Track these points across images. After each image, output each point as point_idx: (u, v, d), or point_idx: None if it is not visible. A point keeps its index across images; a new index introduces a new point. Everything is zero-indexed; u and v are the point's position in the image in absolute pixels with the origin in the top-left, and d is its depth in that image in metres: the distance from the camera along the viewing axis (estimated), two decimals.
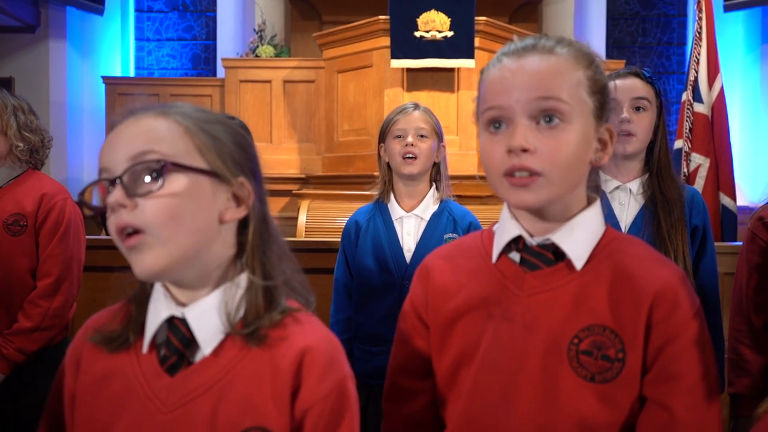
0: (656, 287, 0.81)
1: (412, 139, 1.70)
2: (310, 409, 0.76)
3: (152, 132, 0.75)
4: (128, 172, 0.73)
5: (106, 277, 0.86)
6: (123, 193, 0.73)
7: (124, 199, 0.72)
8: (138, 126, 0.76)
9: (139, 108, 0.78)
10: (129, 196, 0.73)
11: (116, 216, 0.73)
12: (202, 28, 6.36)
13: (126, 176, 0.73)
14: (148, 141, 0.74)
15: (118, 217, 0.73)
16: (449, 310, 0.90)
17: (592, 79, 0.83)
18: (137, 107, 0.78)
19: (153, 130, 0.75)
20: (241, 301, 0.78)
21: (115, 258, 0.82)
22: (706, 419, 0.80)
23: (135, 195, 0.73)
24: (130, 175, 0.73)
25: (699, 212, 1.53)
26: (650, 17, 6.72)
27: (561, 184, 0.81)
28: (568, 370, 0.81)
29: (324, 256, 2.30)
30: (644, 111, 1.51)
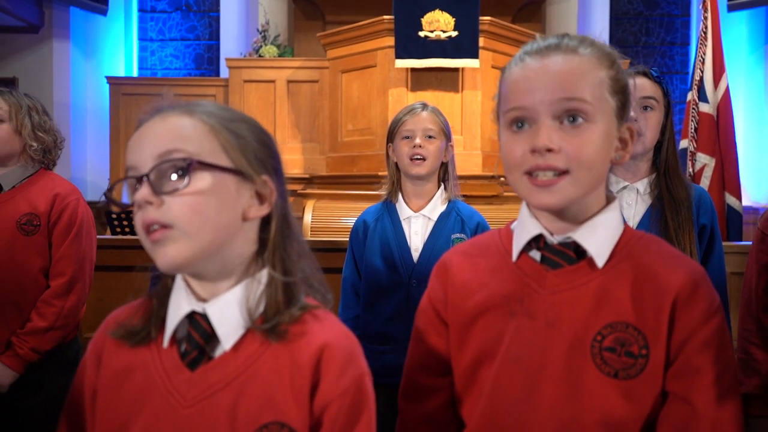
0: (678, 284, 0.82)
1: (420, 141, 1.70)
2: (329, 404, 0.76)
3: (178, 130, 0.77)
4: (155, 170, 0.74)
5: (113, 277, 0.88)
6: (150, 191, 0.74)
7: (151, 197, 0.74)
8: (164, 124, 0.77)
9: (165, 106, 0.79)
10: (156, 193, 0.74)
11: (143, 212, 0.74)
12: (206, 28, 6.37)
13: (153, 174, 0.74)
14: (175, 139, 0.76)
15: (145, 214, 0.74)
16: (470, 307, 0.90)
17: (615, 79, 0.84)
18: (163, 105, 0.80)
19: (179, 129, 0.77)
20: (262, 297, 0.79)
21: (121, 258, 0.83)
22: (727, 414, 0.81)
23: (161, 193, 0.74)
24: (156, 173, 0.74)
25: (707, 212, 1.53)
26: (653, 17, 6.72)
27: (584, 184, 0.82)
28: (591, 366, 0.82)
29: (330, 256, 2.30)
30: (652, 110, 1.51)
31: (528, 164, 0.81)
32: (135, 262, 0.84)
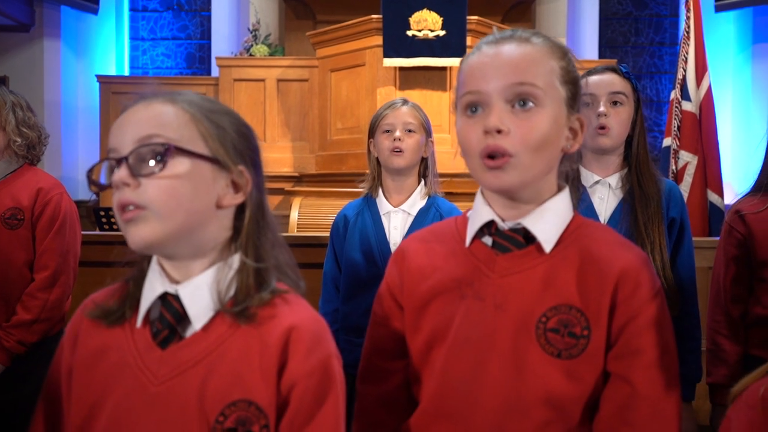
0: (620, 268, 0.86)
1: (399, 134, 1.73)
2: (296, 384, 0.79)
3: (160, 117, 0.80)
4: (134, 153, 0.78)
5: (100, 273, 0.91)
6: (128, 173, 0.77)
7: (129, 178, 0.77)
8: (147, 111, 0.81)
9: (149, 94, 0.83)
10: (133, 175, 0.77)
11: (120, 193, 0.78)
12: (197, 27, 6.39)
13: (132, 157, 0.78)
14: (155, 125, 0.79)
15: (122, 195, 0.77)
16: (424, 291, 0.94)
17: (565, 70, 0.88)
18: (148, 93, 0.83)
19: (161, 116, 0.80)
20: (233, 281, 0.82)
21: (109, 253, 0.86)
22: (665, 392, 0.84)
23: (139, 175, 0.77)
24: (135, 156, 0.78)
25: (676, 205, 1.56)
26: (643, 17, 6.76)
27: (532, 166, 0.85)
28: (536, 347, 0.85)
29: (315, 251, 2.33)
30: (621, 105, 1.54)
31: (481, 146, 0.84)
32: (121, 258, 0.88)
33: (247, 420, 0.78)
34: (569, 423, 0.86)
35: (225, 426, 0.77)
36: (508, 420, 0.85)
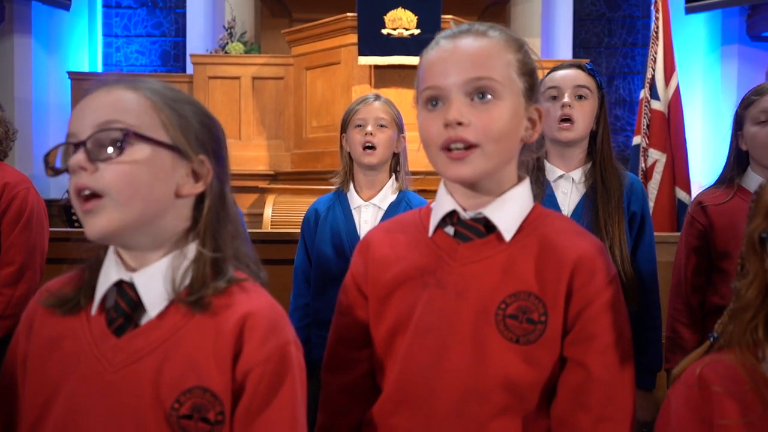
0: (576, 256, 0.88)
1: (371, 129, 1.75)
2: (251, 370, 0.79)
3: (120, 103, 0.80)
4: (92, 137, 0.77)
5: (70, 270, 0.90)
6: (85, 157, 0.77)
7: (86, 163, 0.77)
8: (108, 96, 0.80)
9: (111, 80, 0.82)
10: (90, 160, 0.77)
11: (76, 177, 0.77)
12: (172, 24, 6.33)
13: (90, 142, 0.77)
14: (115, 111, 0.79)
15: (78, 179, 0.77)
16: (387, 280, 0.95)
17: (522, 62, 0.89)
18: (110, 79, 0.83)
19: (121, 102, 0.80)
20: (188, 271, 0.82)
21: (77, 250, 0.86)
22: (619, 376, 0.87)
23: (97, 159, 0.77)
24: (93, 141, 0.77)
25: (638, 199, 1.60)
26: (616, 18, 6.86)
27: (494, 156, 0.87)
28: (495, 333, 0.87)
29: (288, 248, 2.33)
30: (585, 99, 1.57)
31: (442, 138, 0.86)
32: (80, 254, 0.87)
33: (203, 407, 0.78)
34: (527, 407, 0.88)
35: (180, 413, 0.78)
36: (468, 404, 0.87)
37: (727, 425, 0.80)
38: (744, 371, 0.82)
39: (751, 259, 0.84)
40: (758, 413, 0.79)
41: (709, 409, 0.82)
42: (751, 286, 0.84)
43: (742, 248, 0.85)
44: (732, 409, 0.81)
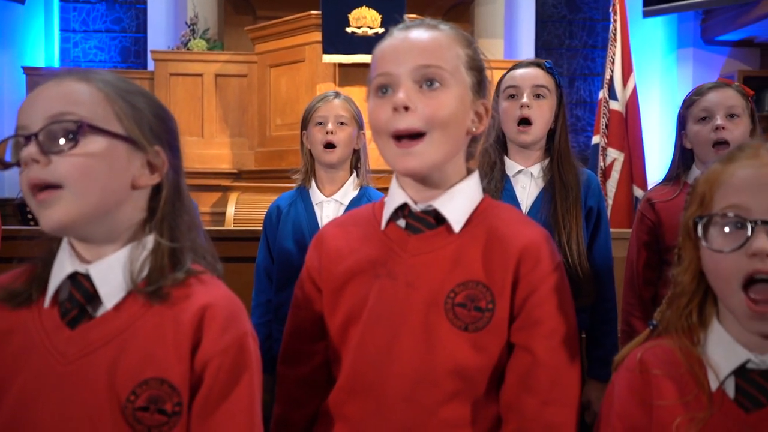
0: (522, 245, 0.91)
1: (332, 126, 1.75)
2: (210, 361, 0.80)
3: (72, 95, 0.79)
4: (44, 130, 0.76)
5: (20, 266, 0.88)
6: (37, 150, 0.75)
7: (38, 155, 0.75)
8: (59, 88, 0.79)
9: (62, 72, 0.81)
10: (43, 152, 0.76)
11: (29, 171, 0.76)
12: (132, 20, 6.21)
13: (42, 134, 0.76)
14: (68, 103, 0.78)
15: (31, 172, 0.76)
16: (341, 272, 0.96)
17: (470, 57, 0.92)
18: (61, 71, 0.82)
19: (73, 93, 0.79)
20: (146, 261, 0.82)
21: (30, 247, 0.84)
22: (564, 360, 0.90)
23: (49, 152, 0.76)
24: (46, 133, 0.76)
25: (594, 194, 1.64)
26: (576, 20, 6.99)
27: (442, 145, 0.89)
28: (445, 321, 0.89)
29: (250, 245, 2.32)
30: (544, 98, 1.60)
31: (390, 124, 0.88)
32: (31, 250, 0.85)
33: (159, 398, 0.78)
34: (476, 392, 0.90)
35: (136, 405, 0.77)
36: (419, 391, 0.89)
37: (665, 405, 0.83)
38: (680, 354, 0.85)
39: (687, 246, 0.87)
40: (693, 393, 0.82)
41: (649, 391, 0.85)
42: (686, 273, 0.87)
43: (679, 237, 0.89)
44: (669, 390, 0.84)
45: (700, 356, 0.85)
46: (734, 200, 0.79)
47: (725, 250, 0.79)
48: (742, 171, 0.80)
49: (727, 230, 0.80)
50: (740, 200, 0.79)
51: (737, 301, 0.78)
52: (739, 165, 0.81)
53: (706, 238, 0.82)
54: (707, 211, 0.83)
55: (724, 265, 0.79)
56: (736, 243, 0.78)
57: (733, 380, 0.82)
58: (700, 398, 0.82)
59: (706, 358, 0.84)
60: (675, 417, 0.82)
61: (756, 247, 0.76)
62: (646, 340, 0.91)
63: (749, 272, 0.77)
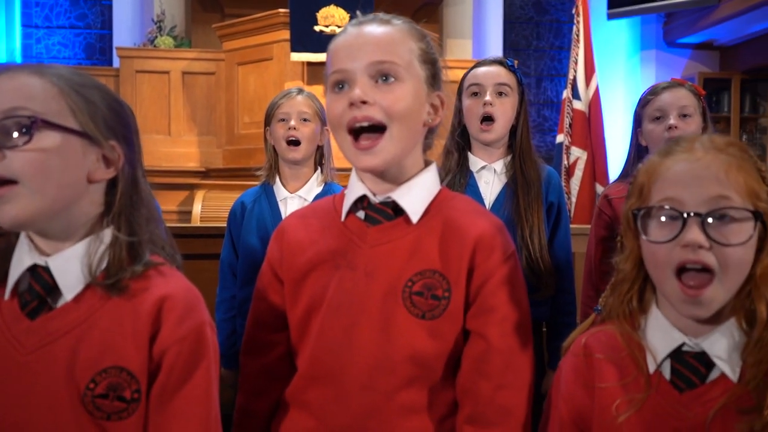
0: (476, 235, 0.93)
1: (294, 123, 1.76)
2: (168, 350, 0.81)
3: (25, 89, 0.78)
4: None
5: None
6: None
7: None
8: (12, 82, 0.79)
9: (15, 65, 0.81)
10: None
11: None
12: (97, 16, 6.11)
13: None
14: (21, 98, 0.78)
15: None
16: (301, 263, 0.98)
17: (424, 51, 0.94)
18: (13, 65, 0.82)
19: (26, 88, 0.79)
20: (104, 255, 0.83)
21: None
22: (516, 345, 0.93)
23: (3, 147, 0.76)
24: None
25: (555, 190, 1.68)
26: (543, 22, 7.09)
27: (401, 140, 0.91)
28: (402, 309, 0.91)
29: (215, 242, 2.31)
30: (506, 96, 1.64)
31: (347, 118, 0.90)
32: None
33: (119, 386, 0.79)
34: (433, 378, 0.93)
35: (96, 392, 0.79)
36: (377, 377, 0.91)
37: (606, 388, 0.87)
38: (622, 339, 0.89)
39: (628, 235, 0.91)
40: (632, 375, 0.87)
41: (591, 375, 0.89)
42: (628, 261, 0.91)
43: (621, 227, 0.92)
44: (610, 373, 0.88)
45: (640, 340, 0.89)
46: (669, 193, 0.83)
47: (661, 240, 0.82)
48: (677, 165, 0.84)
49: (663, 221, 0.83)
50: (675, 193, 0.82)
51: (671, 287, 0.82)
52: (674, 159, 0.85)
53: (644, 229, 0.85)
54: (645, 202, 0.86)
55: (659, 254, 0.83)
56: (671, 234, 0.81)
57: (669, 363, 0.86)
58: (638, 380, 0.86)
59: (645, 342, 0.88)
60: (615, 399, 0.86)
61: (688, 239, 0.80)
62: (591, 326, 0.95)
63: (681, 261, 0.80)
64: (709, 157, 0.82)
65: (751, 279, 0.82)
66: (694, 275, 0.81)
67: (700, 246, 0.79)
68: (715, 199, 0.80)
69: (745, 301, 0.83)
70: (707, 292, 0.80)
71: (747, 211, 0.80)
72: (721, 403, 0.81)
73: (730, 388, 0.82)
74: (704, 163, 0.82)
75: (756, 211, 0.81)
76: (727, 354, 0.83)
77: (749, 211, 0.80)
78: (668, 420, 0.83)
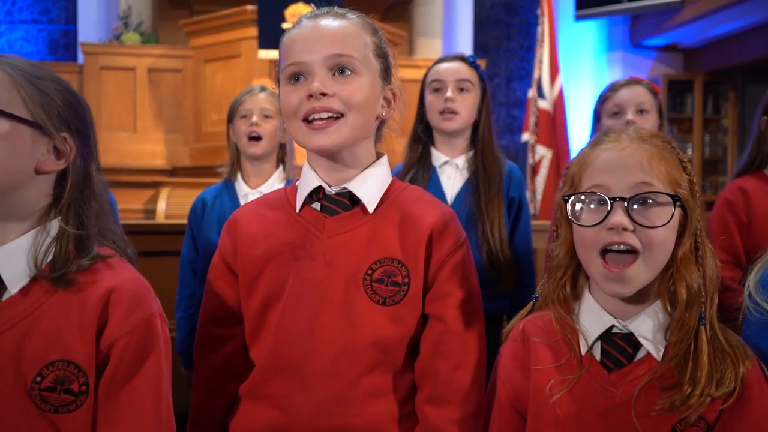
0: (431, 223, 0.96)
1: (256, 119, 1.77)
2: (116, 342, 0.81)
3: None
4: None
5: None
6: None
7: None
8: None
9: None
10: None
11: None
12: (61, 11, 5.98)
13: None
14: None
15: None
16: (257, 256, 0.98)
17: (377, 45, 0.97)
18: None
19: None
20: (50, 247, 0.83)
21: None
22: (470, 327, 0.97)
23: None
24: None
25: (516, 185, 1.71)
26: (513, 23, 7.17)
27: (356, 127, 0.93)
28: (364, 297, 0.94)
29: (179, 239, 2.28)
30: (467, 92, 1.66)
31: (304, 109, 0.91)
32: None
33: (66, 378, 0.79)
34: (394, 363, 0.95)
35: (43, 386, 0.78)
36: (341, 364, 0.93)
37: (541, 369, 0.92)
38: (556, 323, 0.94)
39: (562, 223, 0.96)
40: (566, 357, 0.91)
41: (528, 358, 0.94)
42: (562, 248, 0.96)
43: (556, 215, 0.96)
44: (545, 356, 0.93)
45: (574, 324, 0.93)
46: (597, 180, 0.88)
47: (589, 224, 0.87)
48: (604, 154, 0.89)
49: (591, 206, 0.88)
50: (602, 180, 0.88)
51: (596, 267, 0.87)
52: (602, 148, 0.90)
53: (574, 213, 0.90)
54: (577, 189, 0.91)
55: (587, 236, 0.88)
56: (599, 218, 0.87)
57: (599, 344, 0.91)
58: (571, 362, 0.91)
59: (578, 325, 0.93)
60: (549, 379, 0.91)
61: (613, 222, 0.85)
62: (530, 313, 0.99)
63: (607, 243, 0.86)
64: (633, 146, 0.88)
65: (673, 263, 0.88)
66: (616, 257, 0.86)
67: (624, 228, 0.84)
68: (639, 185, 0.86)
69: (668, 285, 0.88)
70: (631, 270, 0.85)
71: (668, 195, 0.86)
72: (645, 380, 0.86)
73: (654, 367, 0.87)
74: (629, 152, 0.87)
75: (676, 195, 0.86)
76: (652, 334, 0.88)
77: (669, 196, 0.86)
78: (597, 398, 0.88)
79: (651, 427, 0.85)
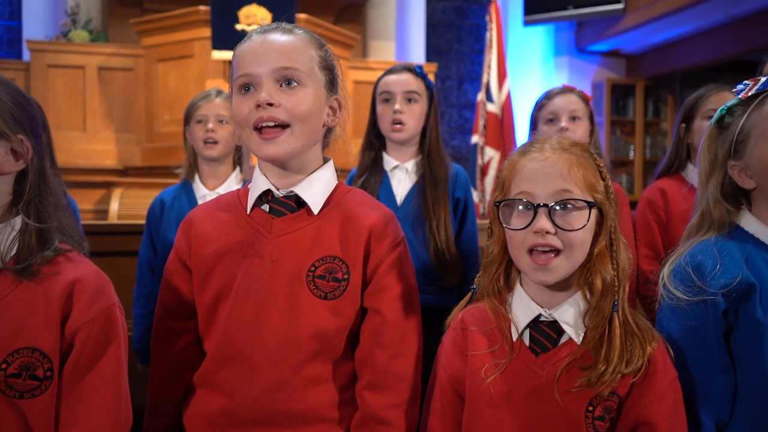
0: (371, 223, 1.05)
1: (212, 125, 1.82)
2: (79, 330, 0.87)
3: None
4: None
5: None
6: None
7: None
8: None
9: None
10: None
11: None
12: (5, 6, 5.82)
13: None
14: None
15: None
16: (210, 253, 1.05)
17: (323, 58, 1.05)
18: None
19: None
20: (14, 241, 0.87)
21: None
22: (407, 318, 1.05)
23: None
24: None
25: (461, 187, 1.81)
26: (464, 27, 7.33)
27: (301, 136, 1.01)
28: (307, 292, 1.01)
29: (133, 239, 2.30)
30: (415, 102, 1.76)
31: (254, 118, 0.99)
32: None
33: (31, 365, 0.84)
34: (335, 352, 1.03)
35: (8, 372, 0.83)
36: (285, 353, 1.00)
37: (477, 355, 1.03)
38: (491, 313, 1.05)
39: (495, 223, 1.06)
40: (499, 343, 1.02)
41: (465, 345, 1.04)
42: (495, 245, 1.07)
43: (490, 216, 1.06)
44: (481, 343, 1.03)
45: (506, 313, 1.04)
46: (524, 187, 0.99)
47: (518, 228, 0.98)
48: (530, 163, 0.99)
49: (519, 210, 0.99)
50: (528, 188, 0.98)
51: (525, 262, 0.99)
52: (528, 158, 1.00)
53: (504, 217, 1.01)
54: (506, 195, 1.02)
55: (516, 238, 0.99)
56: (525, 222, 0.98)
57: (528, 331, 1.02)
58: (503, 348, 1.01)
59: (511, 314, 1.04)
60: (484, 363, 1.01)
61: (538, 226, 0.96)
62: (468, 304, 1.08)
63: (533, 245, 0.97)
64: (555, 156, 0.98)
65: (591, 258, 0.99)
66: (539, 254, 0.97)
67: (547, 231, 0.95)
68: (560, 192, 0.97)
69: (587, 276, 1.00)
70: (554, 262, 0.96)
71: (584, 201, 0.97)
72: (567, 362, 0.97)
73: (575, 350, 0.98)
74: (551, 162, 0.98)
75: (592, 201, 0.97)
76: (573, 321, 0.99)
77: (586, 202, 0.97)
78: (526, 379, 0.99)
79: (571, 402, 0.96)
